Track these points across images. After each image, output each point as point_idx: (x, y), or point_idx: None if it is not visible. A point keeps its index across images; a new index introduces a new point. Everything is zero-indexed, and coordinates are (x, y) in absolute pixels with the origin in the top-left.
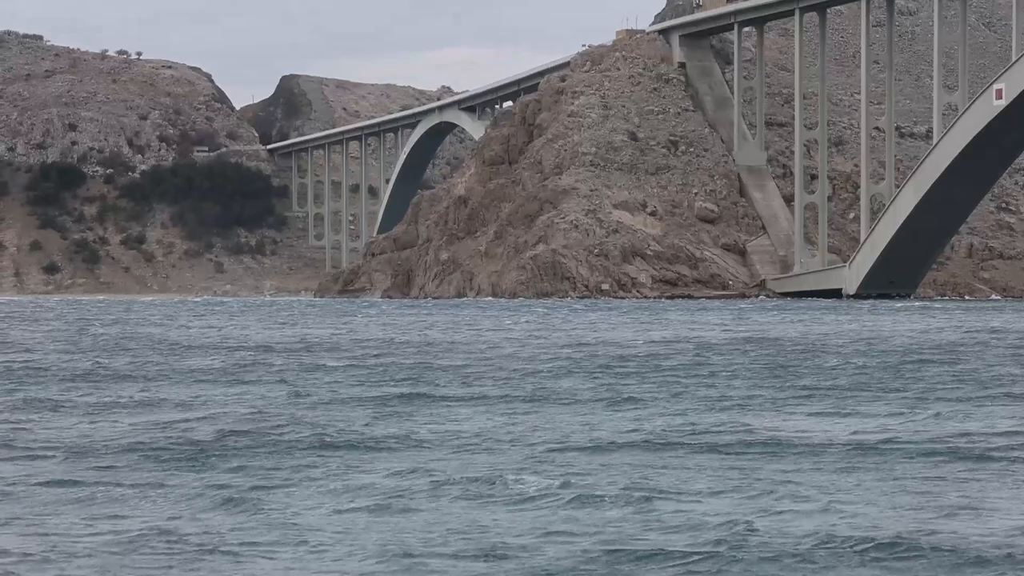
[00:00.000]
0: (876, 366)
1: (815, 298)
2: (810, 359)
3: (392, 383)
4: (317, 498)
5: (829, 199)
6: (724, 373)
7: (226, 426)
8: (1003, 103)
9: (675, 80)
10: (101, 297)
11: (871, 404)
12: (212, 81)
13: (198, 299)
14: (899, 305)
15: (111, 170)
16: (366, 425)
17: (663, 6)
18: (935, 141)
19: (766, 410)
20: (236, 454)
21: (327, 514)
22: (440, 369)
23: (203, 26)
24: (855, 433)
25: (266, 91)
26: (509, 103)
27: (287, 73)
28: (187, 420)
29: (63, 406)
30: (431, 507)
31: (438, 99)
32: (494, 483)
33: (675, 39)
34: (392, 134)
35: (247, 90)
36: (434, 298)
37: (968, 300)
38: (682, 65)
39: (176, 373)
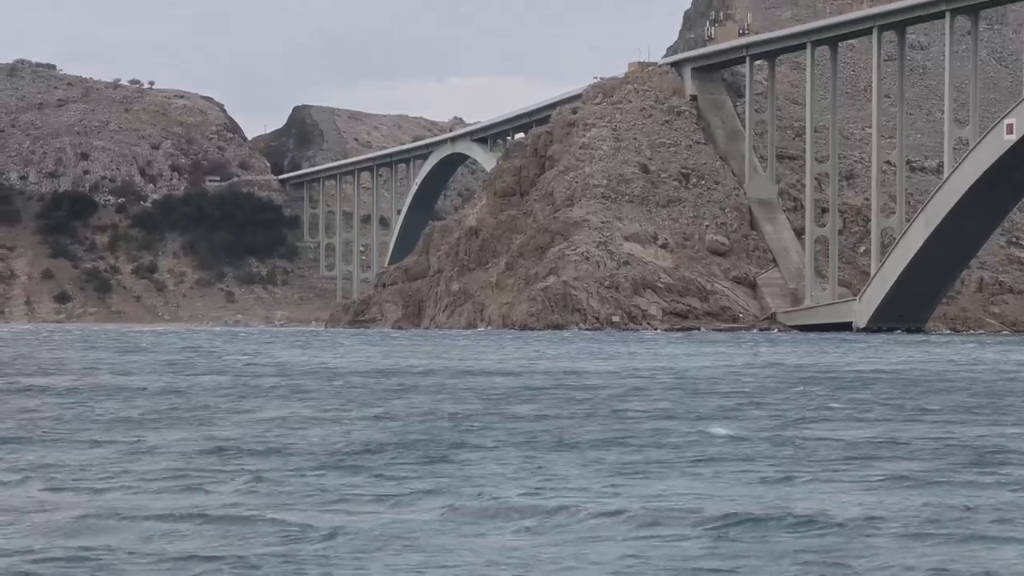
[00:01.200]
0: None
1: (825, 331)
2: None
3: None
4: None
5: (840, 232)
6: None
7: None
8: (1014, 138)
9: (687, 113)
10: (111, 326)
11: None
12: (224, 111)
13: (217, 328)
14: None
15: (123, 199)
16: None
17: (675, 39)
18: (946, 175)
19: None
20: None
21: None
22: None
23: (216, 56)
24: None
25: (278, 121)
26: (521, 134)
27: (299, 103)
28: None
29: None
30: None
31: (450, 130)
32: None
33: (687, 72)
34: (404, 164)
35: (259, 120)
36: (446, 329)
37: (979, 333)
38: (694, 98)
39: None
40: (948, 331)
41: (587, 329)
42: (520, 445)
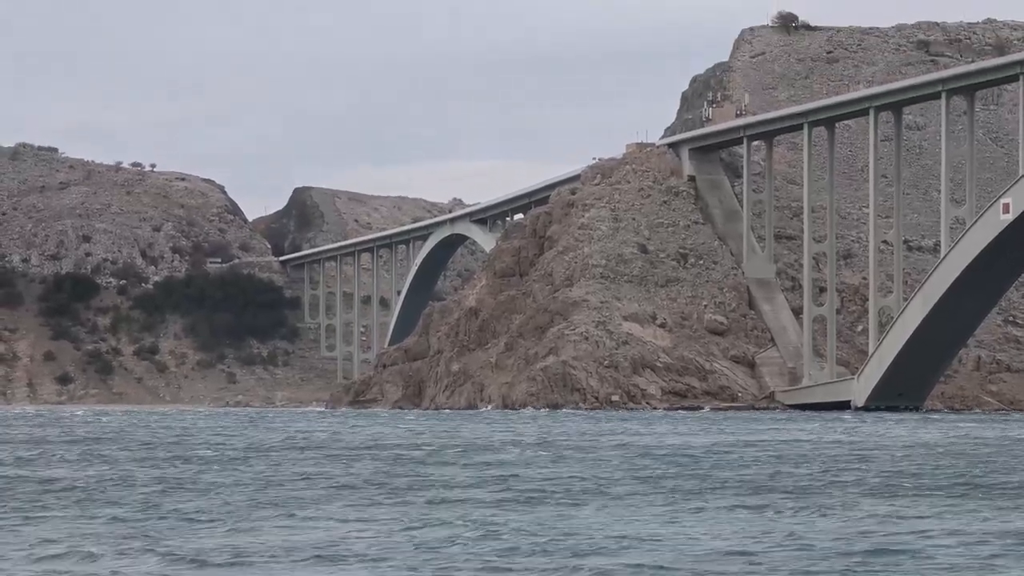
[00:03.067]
0: None
1: (824, 410)
2: None
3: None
4: None
5: (838, 312)
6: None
7: None
8: (1010, 217)
9: (685, 193)
10: (115, 407)
11: None
12: (225, 193)
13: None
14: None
15: (124, 281)
16: None
17: (673, 119)
18: (943, 254)
19: None
20: None
21: None
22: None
23: (216, 138)
24: None
25: (279, 203)
26: (520, 215)
27: (300, 185)
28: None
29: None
30: None
31: (450, 211)
32: None
33: (685, 152)
34: (404, 246)
35: (260, 201)
36: (446, 409)
37: (976, 412)
38: (692, 178)
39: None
40: (947, 410)
41: (588, 409)
42: None
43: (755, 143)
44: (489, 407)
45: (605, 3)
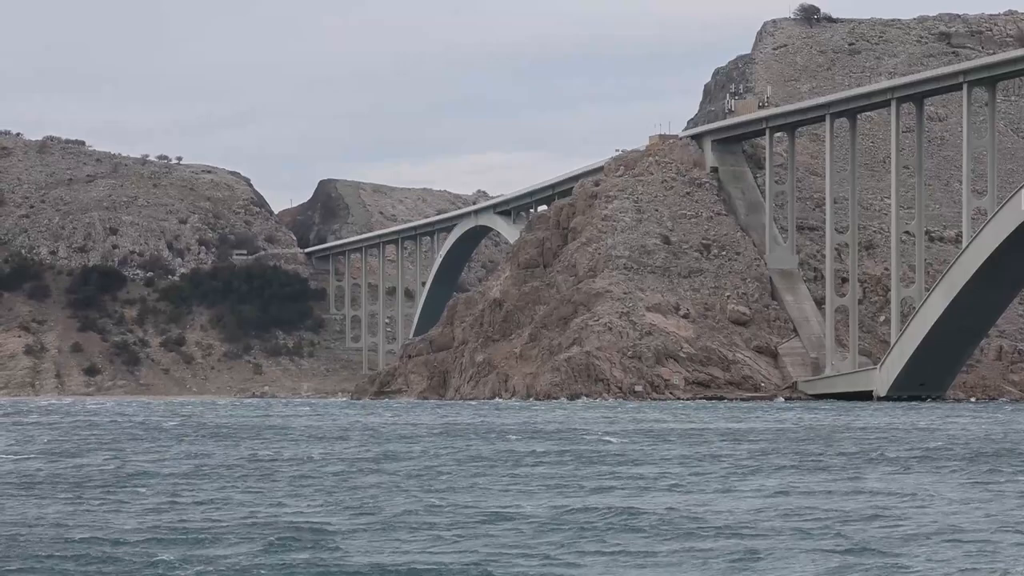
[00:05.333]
0: None
1: (846, 400)
2: None
3: None
4: None
5: (860, 302)
6: None
7: None
8: None
9: (707, 184)
10: (145, 399)
11: None
12: (251, 185)
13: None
14: None
15: (151, 273)
16: None
17: (695, 111)
18: (964, 245)
19: None
20: None
21: None
22: None
23: (242, 131)
24: None
25: (304, 195)
26: (544, 207)
27: (325, 177)
28: None
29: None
30: None
31: (474, 203)
32: None
33: (707, 144)
34: (428, 237)
35: (285, 194)
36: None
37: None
38: (714, 170)
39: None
40: (969, 399)
41: (613, 399)
42: None
43: (777, 135)
44: (511, 398)
45: None
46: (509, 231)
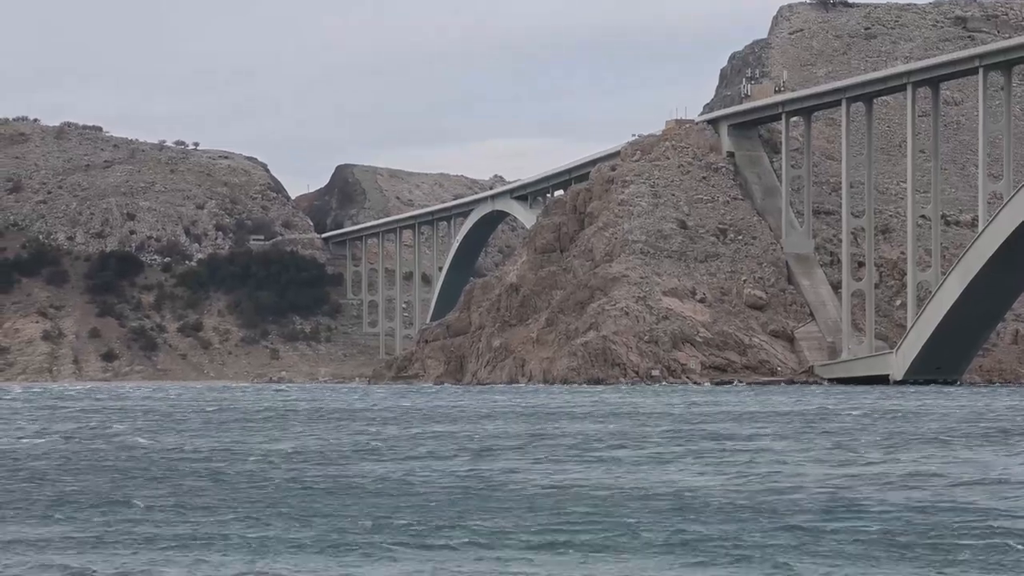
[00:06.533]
0: None
1: (863, 384)
2: None
3: None
4: None
5: (876, 286)
6: None
7: None
8: None
9: (724, 169)
10: (164, 383)
11: None
12: (268, 171)
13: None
14: None
15: (168, 259)
16: None
17: (712, 96)
18: (980, 229)
19: None
20: None
21: None
22: None
23: (259, 117)
24: None
25: (321, 180)
26: (560, 192)
27: (342, 163)
28: None
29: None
30: None
31: (490, 188)
32: None
33: (724, 129)
34: (445, 222)
35: (302, 180)
36: (487, 384)
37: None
38: (731, 154)
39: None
40: (984, 383)
41: (630, 383)
42: None
43: (793, 119)
44: (529, 382)
45: None
46: (526, 216)
